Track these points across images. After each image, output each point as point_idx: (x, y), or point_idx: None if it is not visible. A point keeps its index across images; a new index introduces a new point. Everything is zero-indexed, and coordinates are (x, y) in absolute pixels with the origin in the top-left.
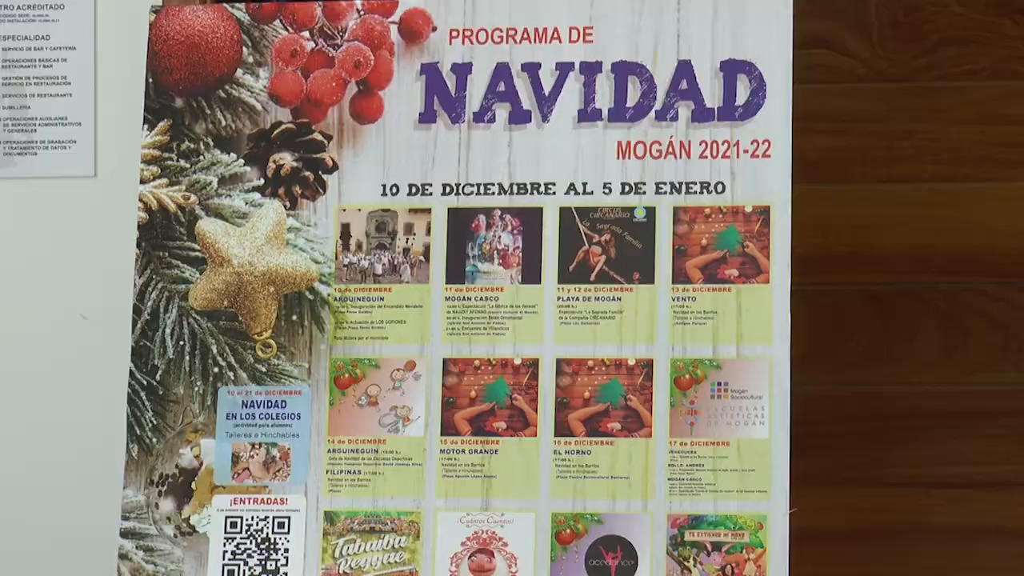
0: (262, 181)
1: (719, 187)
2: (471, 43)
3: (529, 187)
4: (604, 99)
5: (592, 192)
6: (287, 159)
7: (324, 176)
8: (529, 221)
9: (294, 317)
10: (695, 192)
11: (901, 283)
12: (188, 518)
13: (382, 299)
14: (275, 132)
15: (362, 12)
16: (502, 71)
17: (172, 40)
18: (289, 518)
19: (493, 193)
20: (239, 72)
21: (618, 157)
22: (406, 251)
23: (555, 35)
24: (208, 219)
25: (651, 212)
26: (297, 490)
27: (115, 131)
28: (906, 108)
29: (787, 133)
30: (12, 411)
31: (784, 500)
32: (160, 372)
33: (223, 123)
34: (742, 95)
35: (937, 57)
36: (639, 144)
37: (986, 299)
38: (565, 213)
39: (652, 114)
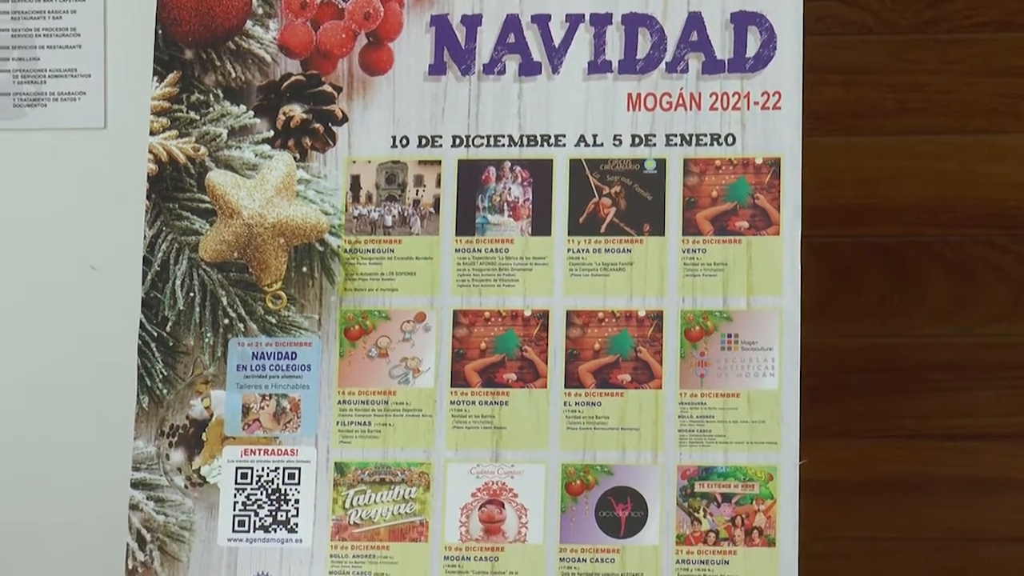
0: (272, 133)
1: (729, 139)
2: None
3: (539, 139)
4: (614, 51)
5: (602, 144)
6: (297, 111)
7: (334, 128)
8: (539, 173)
9: (304, 269)
10: (705, 144)
11: (911, 235)
12: (199, 469)
13: (392, 251)
14: (285, 84)
15: None
16: (512, 23)
17: None
18: (299, 469)
19: (503, 145)
20: (249, 24)
21: (628, 109)
22: (416, 203)
23: None
24: (218, 171)
25: (661, 164)
26: (307, 441)
27: (125, 83)
28: (916, 60)
29: (797, 85)
30: (22, 362)
31: (794, 451)
32: (170, 323)
33: (233, 75)
34: (752, 47)
35: (947, 9)
36: (649, 96)
37: (996, 251)
38: (575, 165)
39: (662, 66)
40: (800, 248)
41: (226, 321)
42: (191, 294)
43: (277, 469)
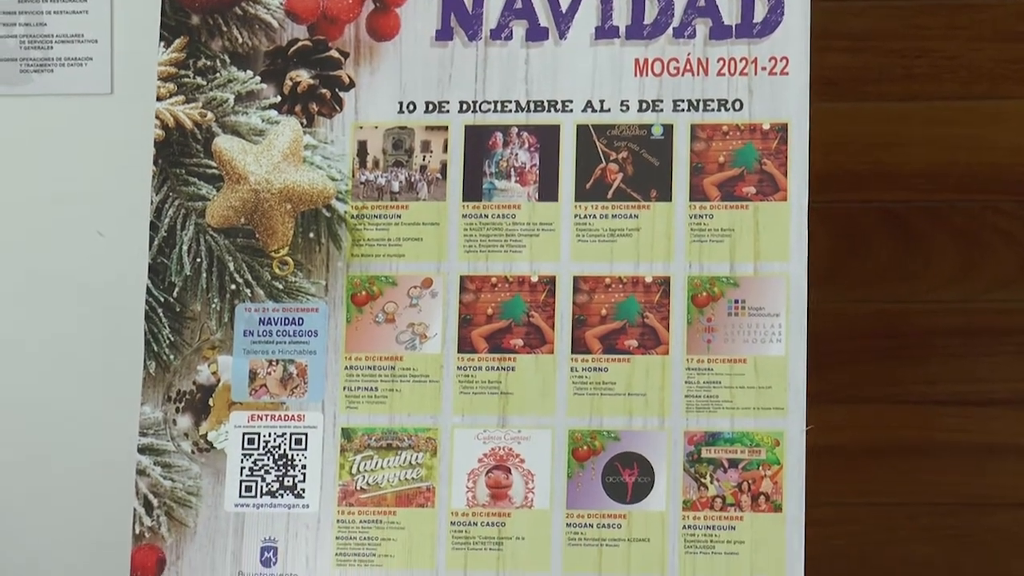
0: (279, 98)
1: (736, 104)
2: None
3: (546, 104)
4: (621, 16)
5: (609, 110)
6: (304, 76)
7: (341, 93)
8: (546, 138)
9: (311, 234)
10: (712, 109)
11: (918, 201)
12: (205, 434)
13: (399, 216)
14: (292, 49)
15: None
16: None
17: None
18: (306, 434)
19: (510, 111)
20: None
21: (635, 74)
22: (423, 168)
23: None
24: (225, 136)
25: (668, 129)
26: (314, 407)
27: (131, 48)
28: (923, 26)
29: (805, 50)
30: (29, 328)
31: (801, 417)
32: (177, 289)
33: (239, 40)
34: (760, 12)
35: None
36: (656, 61)
37: (1004, 216)
38: (582, 131)
39: (670, 31)
40: (807, 214)
41: (233, 287)
42: (198, 260)
43: (284, 435)
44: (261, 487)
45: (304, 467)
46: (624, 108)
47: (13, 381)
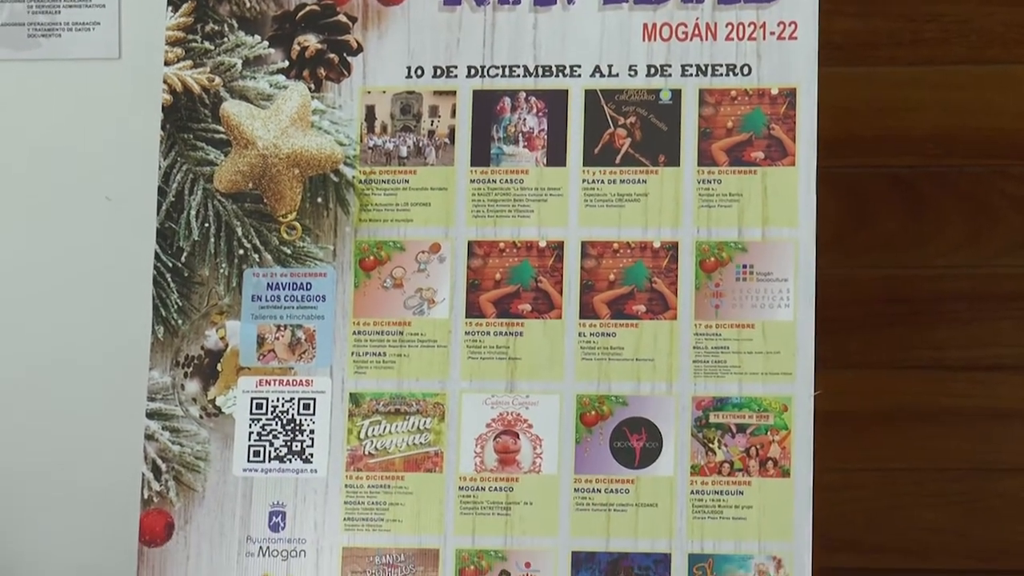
0: (286, 63)
1: (745, 69)
2: None
3: (554, 69)
4: None
5: (617, 75)
6: (312, 41)
7: (349, 58)
8: (554, 103)
9: (319, 199)
10: (721, 74)
11: (927, 166)
12: (214, 399)
13: (407, 181)
14: (300, 14)
15: None
16: None
17: None
18: (314, 400)
19: (518, 76)
20: None
21: (643, 39)
22: (431, 133)
23: None
24: (232, 101)
25: (676, 94)
26: (322, 372)
27: (139, 13)
28: None
29: (813, 15)
30: (37, 293)
31: (809, 382)
32: (185, 254)
33: (247, 5)
34: None
35: None
36: (665, 26)
37: (1013, 181)
38: (590, 95)
39: None
40: (815, 179)
41: (241, 252)
42: (206, 225)
43: (292, 400)
44: (269, 452)
45: (312, 432)
46: (632, 73)
47: (21, 345)
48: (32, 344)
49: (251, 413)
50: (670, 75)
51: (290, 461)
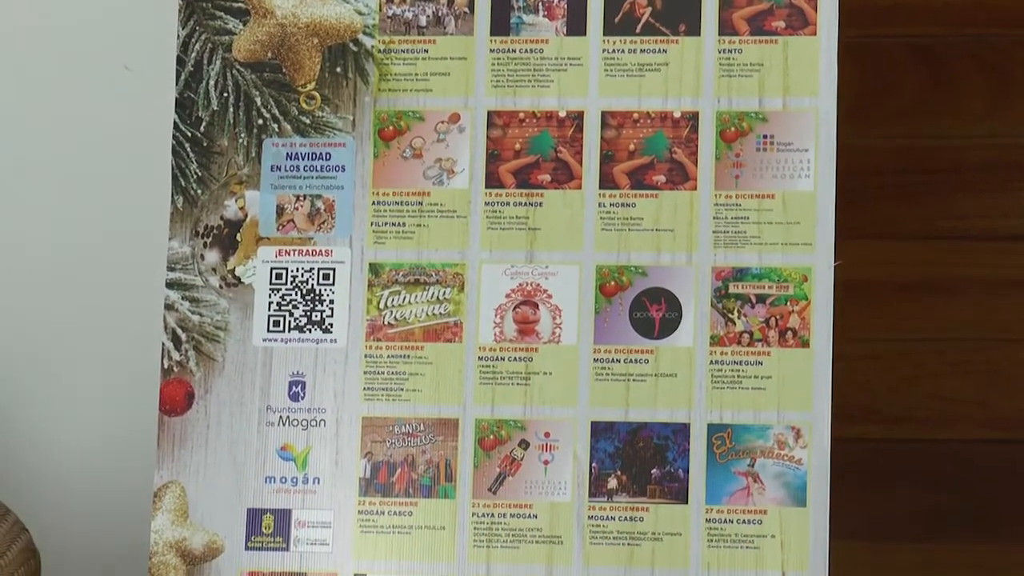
0: None
1: None
2: None
3: None
4: None
5: None
6: None
7: None
8: None
9: (338, 69)
10: None
11: (948, 35)
12: (233, 269)
13: (426, 51)
14: None
15: None
16: None
17: None
18: (334, 269)
19: None
20: None
21: None
22: (450, 2)
23: None
24: None
25: None
26: (342, 242)
27: None
28: None
29: None
30: (55, 163)
31: (829, 253)
32: (204, 124)
33: None
34: None
35: None
36: None
37: None
38: None
39: None
40: (837, 48)
41: (260, 121)
42: (225, 94)
43: (312, 270)
44: (289, 322)
45: (332, 302)
46: None
47: (41, 217)
48: (50, 214)
49: (271, 283)
50: None
51: (310, 331)
